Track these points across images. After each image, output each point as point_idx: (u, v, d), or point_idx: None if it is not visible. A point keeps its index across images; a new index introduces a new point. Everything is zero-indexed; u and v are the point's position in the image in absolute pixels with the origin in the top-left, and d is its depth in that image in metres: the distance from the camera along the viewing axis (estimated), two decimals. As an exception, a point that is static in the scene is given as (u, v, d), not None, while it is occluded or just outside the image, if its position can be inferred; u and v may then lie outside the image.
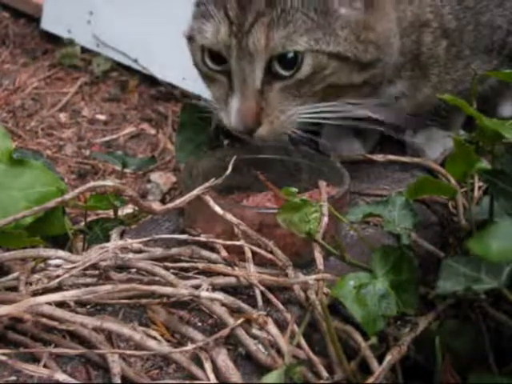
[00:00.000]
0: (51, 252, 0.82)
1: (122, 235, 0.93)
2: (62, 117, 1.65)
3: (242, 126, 0.97)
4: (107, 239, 0.93)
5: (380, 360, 0.74)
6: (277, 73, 0.95)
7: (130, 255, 0.84)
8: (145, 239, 0.86)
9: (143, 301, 0.79)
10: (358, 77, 0.98)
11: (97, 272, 0.82)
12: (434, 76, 1.10)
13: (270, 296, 0.81)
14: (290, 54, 0.94)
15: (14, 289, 0.80)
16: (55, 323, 0.73)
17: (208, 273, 0.84)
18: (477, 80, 0.94)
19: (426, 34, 1.05)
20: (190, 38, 1.02)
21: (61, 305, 0.76)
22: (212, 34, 0.97)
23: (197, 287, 0.80)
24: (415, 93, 1.10)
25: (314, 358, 0.74)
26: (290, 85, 0.96)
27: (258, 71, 0.95)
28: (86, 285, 0.81)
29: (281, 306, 0.80)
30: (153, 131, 1.61)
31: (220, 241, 0.87)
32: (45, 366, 0.71)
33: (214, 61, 1.00)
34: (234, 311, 0.78)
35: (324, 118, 0.99)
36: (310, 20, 0.94)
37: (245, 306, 0.78)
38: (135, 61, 1.75)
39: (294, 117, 0.98)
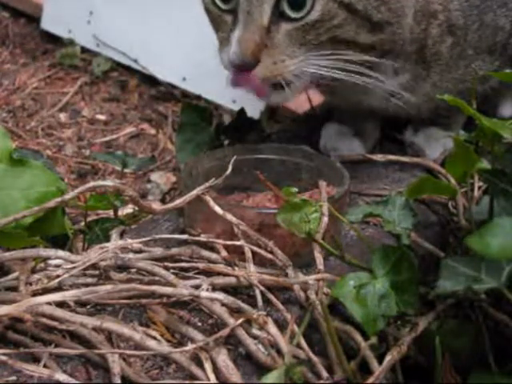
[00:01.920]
0: (51, 252, 0.82)
1: (122, 235, 0.93)
2: (62, 117, 1.65)
3: (240, 57, 0.92)
4: (107, 239, 0.93)
5: (380, 360, 0.74)
6: (284, 13, 0.93)
7: (130, 255, 0.84)
8: (145, 239, 0.86)
9: (143, 301, 0.79)
10: (365, 37, 0.96)
11: (97, 272, 0.82)
12: (435, 74, 1.10)
13: (270, 296, 0.81)
14: None
15: (14, 289, 0.80)
16: (55, 323, 0.73)
17: (208, 273, 0.84)
18: (478, 80, 0.94)
19: (433, 26, 1.05)
20: None
21: (61, 305, 0.76)
22: None
23: (197, 287, 0.80)
24: (415, 88, 1.10)
25: (314, 358, 0.74)
26: (297, 29, 0.93)
27: (266, 6, 0.92)
28: (86, 285, 0.81)
29: (281, 306, 0.80)
30: (153, 131, 1.61)
31: (220, 241, 0.87)
32: (45, 366, 0.71)
33: None
34: (234, 311, 0.78)
35: (328, 73, 0.96)
36: None
37: (245, 306, 0.78)
38: (135, 61, 1.75)
39: (300, 64, 0.95)
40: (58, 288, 0.79)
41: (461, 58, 1.10)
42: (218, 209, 0.87)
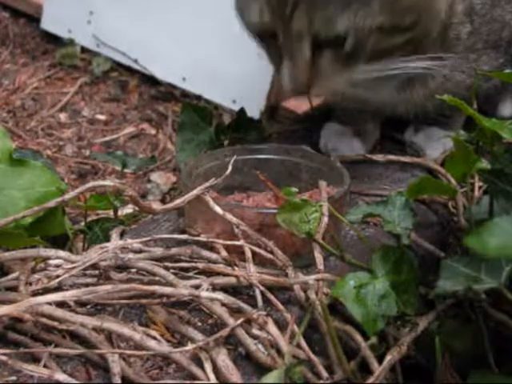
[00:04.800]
0: (51, 252, 0.82)
1: (122, 235, 0.93)
2: (62, 117, 1.65)
3: (295, 89, 1.00)
4: (107, 239, 0.93)
5: (380, 360, 0.74)
6: (323, 46, 0.98)
7: (130, 255, 0.84)
8: (145, 239, 0.86)
9: (143, 301, 0.79)
10: (399, 38, 1.00)
11: (97, 272, 0.82)
12: (449, 63, 1.09)
13: (270, 296, 0.81)
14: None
15: (14, 289, 0.80)
16: (55, 323, 0.74)
17: (208, 273, 0.84)
18: (483, 77, 0.94)
19: (458, 1, 1.06)
20: (238, 11, 1.05)
21: (61, 305, 0.76)
22: (257, 16, 1.00)
23: (197, 287, 0.80)
24: (429, 79, 1.10)
25: (314, 358, 0.74)
26: (338, 55, 0.98)
27: (306, 46, 0.97)
28: (86, 285, 0.81)
29: (281, 306, 0.80)
30: (153, 131, 1.61)
31: (220, 241, 0.87)
32: (45, 366, 0.71)
33: (262, 35, 1.03)
34: (234, 311, 0.78)
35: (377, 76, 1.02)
36: None
37: (245, 305, 0.78)
38: (135, 61, 1.74)
39: (349, 79, 1.01)
40: (58, 288, 0.79)
41: (472, 50, 1.10)
42: (217, 209, 0.87)
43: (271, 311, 0.80)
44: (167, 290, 0.77)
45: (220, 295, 0.77)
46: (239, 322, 0.75)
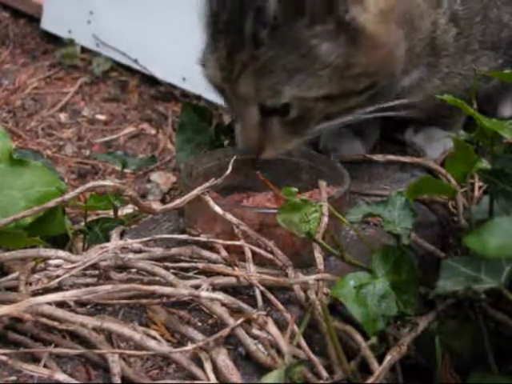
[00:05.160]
0: (51, 252, 0.82)
1: (122, 235, 0.93)
2: (62, 117, 1.65)
3: (247, 150, 1.01)
4: (107, 239, 0.93)
5: (380, 360, 0.74)
6: (270, 113, 0.99)
7: (130, 255, 0.84)
8: (145, 239, 0.86)
9: (143, 301, 0.79)
10: (356, 100, 0.99)
11: (97, 272, 0.82)
12: (444, 66, 1.10)
13: (270, 296, 0.81)
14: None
15: (14, 289, 0.80)
16: (55, 323, 0.73)
17: (208, 273, 0.84)
18: (483, 78, 0.94)
19: (440, 16, 1.06)
20: (200, 65, 1.05)
21: (61, 305, 0.76)
22: (211, 73, 1.01)
23: (197, 287, 0.80)
24: (426, 83, 1.10)
25: (314, 358, 0.74)
26: (287, 122, 0.99)
27: (254, 111, 0.98)
28: (86, 285, 0.81)
29: (281, 306, 0.80)
30: (153, 131, 1.61)
31: (220, 241, 0.87)
32: (45, 366, 0.71)
33: (218, 91, 1.04)
34: (234, 311, 0.78)
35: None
36: (293, 65, 0.94)
37: (245, 305, 0.78)
38: (135, 61, 1.75)
39: (301, 140, 1.02)
40: (58, 288, 0.79)
41: (466, 51, 1.10)
42: (218, 209, 0.87)
43: (271, 311, 0.80)
44: (167, 289, 0.77)
45: (220, 295, 0.77)
46: (239, 322, 0.75)
